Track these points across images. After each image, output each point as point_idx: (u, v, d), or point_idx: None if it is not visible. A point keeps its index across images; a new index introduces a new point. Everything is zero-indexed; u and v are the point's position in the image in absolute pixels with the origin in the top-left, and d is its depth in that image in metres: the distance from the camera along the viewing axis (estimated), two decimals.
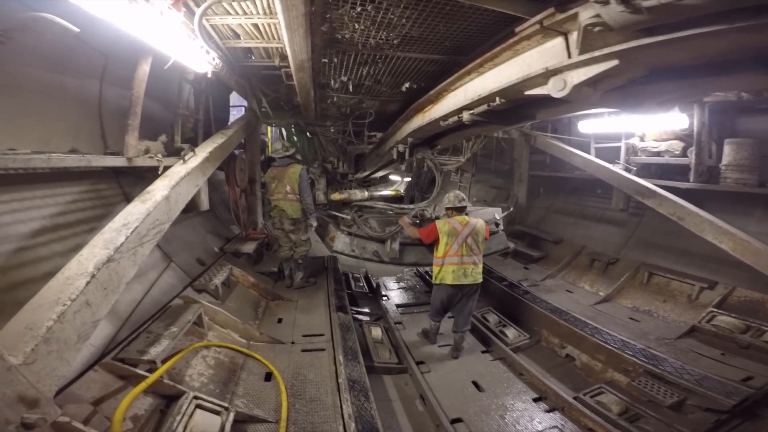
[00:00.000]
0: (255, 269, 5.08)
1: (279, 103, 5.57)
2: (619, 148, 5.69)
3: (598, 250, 5.88)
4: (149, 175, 3.01)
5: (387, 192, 10.17)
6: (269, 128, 8.04)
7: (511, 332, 4.35)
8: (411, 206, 7.14)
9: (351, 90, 4.16)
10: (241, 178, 5.00)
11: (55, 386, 1.61)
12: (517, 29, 1.94)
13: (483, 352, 4.08)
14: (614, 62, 1.58)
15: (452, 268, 3.76)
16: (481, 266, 3.86)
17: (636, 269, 5.23)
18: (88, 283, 1.79)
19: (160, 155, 2.99)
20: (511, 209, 7.35)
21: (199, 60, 3.20)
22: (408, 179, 9.78)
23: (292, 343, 3.73)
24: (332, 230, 5.58)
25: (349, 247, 5.07)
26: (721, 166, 4.60)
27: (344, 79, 3.74)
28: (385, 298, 5.67)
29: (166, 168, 2.94)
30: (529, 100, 2.36)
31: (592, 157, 5.82)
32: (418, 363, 3.79)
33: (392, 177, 10.04)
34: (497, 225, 5.44)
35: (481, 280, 3.86)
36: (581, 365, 3.87)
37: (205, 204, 3.55)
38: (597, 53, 1.61)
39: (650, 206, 5.00)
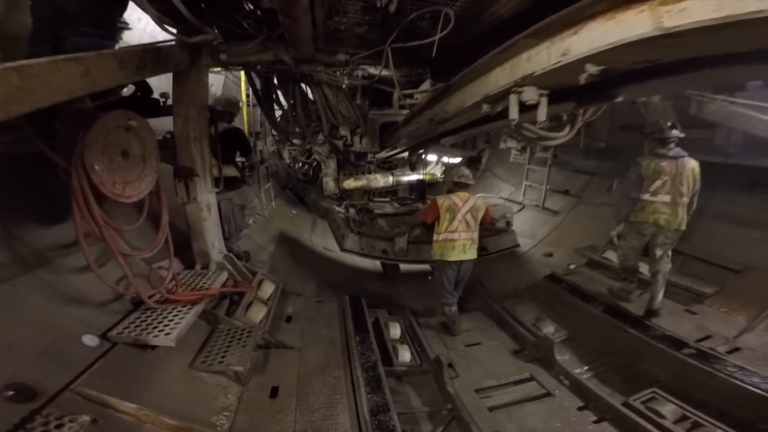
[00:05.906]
0: (196, 365, 2.45)
1: (238, 23, 2.78)
2: None
3: None
4: None
5: (417, 176, 7.54)
6: (242, 75, 5.04)
7: None
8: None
9: None
10: (119, 173, 1.95)
11: None
12: None
13: None
14: None
15: (452, 244, 3.82)
16: (477, 244, 3.96)
17: None
18: None
19: None
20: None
21: None
22: (457, 159, 6.99)
23: None
24: (342, 227, 5.20)
25: (358, 246, 4.88)
26: None
27: None
28: (453, 374, 3.40)
29: None
30: None
31: None
32: None
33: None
34: (508, 224, 5.20)
35: (476, 256, 3.98)
36: None
37: None
38: None
39: None
